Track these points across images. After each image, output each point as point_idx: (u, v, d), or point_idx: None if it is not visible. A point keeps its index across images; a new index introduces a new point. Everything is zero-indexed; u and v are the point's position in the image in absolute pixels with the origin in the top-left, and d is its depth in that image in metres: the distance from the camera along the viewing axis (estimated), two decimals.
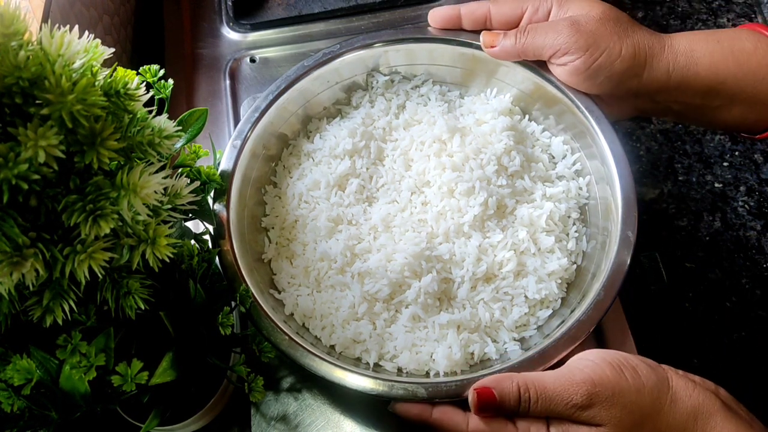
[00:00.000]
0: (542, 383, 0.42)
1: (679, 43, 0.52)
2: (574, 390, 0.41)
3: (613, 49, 0.50)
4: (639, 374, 0.43)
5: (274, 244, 0.56)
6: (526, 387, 0.42)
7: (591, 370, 0.42)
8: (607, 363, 0.43)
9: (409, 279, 0.51)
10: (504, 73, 0.59)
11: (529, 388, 0.42)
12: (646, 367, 0.43)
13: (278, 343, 0.46)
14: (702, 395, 0.42)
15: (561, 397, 0.42)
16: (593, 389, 0.41)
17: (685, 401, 0.42)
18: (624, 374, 0.42)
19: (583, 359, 0.44)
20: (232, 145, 0.54)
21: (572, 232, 0.55)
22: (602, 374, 0.42)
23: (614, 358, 0.43)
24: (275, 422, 0.54)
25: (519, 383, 0.42)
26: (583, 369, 0.43)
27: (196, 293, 0.44)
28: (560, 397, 0.42)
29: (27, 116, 0.31)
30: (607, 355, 0.44)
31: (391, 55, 0.60)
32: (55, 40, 0.32)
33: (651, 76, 0.51)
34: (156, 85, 0.47)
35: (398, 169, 0.57)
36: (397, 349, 0.50)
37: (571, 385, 0.42)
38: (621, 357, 0.44)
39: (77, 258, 0.33)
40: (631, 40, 0.51)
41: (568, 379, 0.42)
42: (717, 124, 0.55)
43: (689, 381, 0.43)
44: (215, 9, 0.77)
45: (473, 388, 0.43)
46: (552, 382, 0.42)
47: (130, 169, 0.35)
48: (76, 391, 0.38)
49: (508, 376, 0.43)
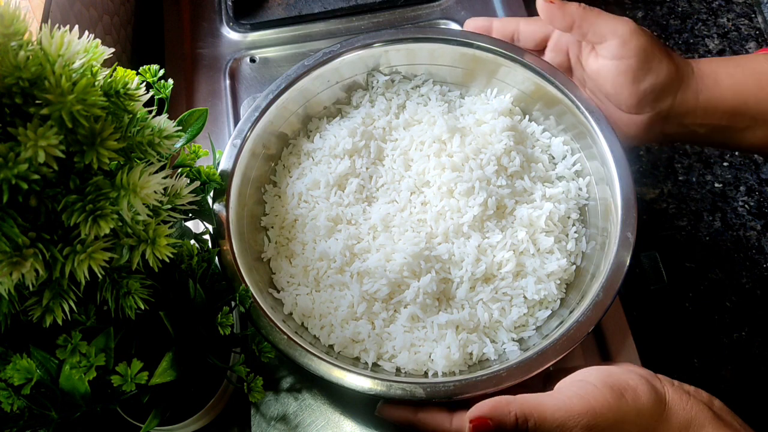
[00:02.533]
0: (541, 413, 0.41)
1: (704, 67, 0.53)
2: (574, 422, 0.40)
3: (663, 59, 0.51)
4: (640, 396, 0.42)
5: (274, 244, 0.56)
6: (524, 417, 0.41)
7: (593, 398, 0.41)
8: (608, 387, 0.42)
9: (408, 279, 0.51)
10: (504, 73, 0.59)
11: (528, 418, 0.41)
12: (645, 384, 0.42)
13: (277, 342, 0.46)
14: (695, 408, 0.42)
15: (561, 429, 0.40)
16: (593, 421, 0.40)
17: (679, 414, 0.41)
18: (625, 399, 0.41)
19: (584, 382, 0.43)
20: (232, 144, 0.54)
21: (572, 233, 0.55)
22: (604, 402, 0.41)
23: (615, 382, 0.42)
24: (275, 422, 0.54)
25: (517, 413, 0.41)
26: (584, 396, 0.41)
27: (196, 293, 0.44)
28: (560, 429, 0.40)
29: (27, 116, 0.31)
30: (609, 378, 0.42)
31: (391, 55, 0.60)
32: (55, 40, 0.32)
33: (683, 97, 0.52)
34: (156, 85, 0.47)
35: (398, 168, 0.57)
36: (395, 349, 0.50)
37: (571, 416, 0.40)
38: (623, 379, 0.43)
39: (77, 258, 0.33)
40: (675, 59, 0.52)
41: (569, 409, 0.41)
42: (744, 146, 0.55)
43: (684, 393, 0.43)
44: (215, 9, 0.77)
45: (468, 419, 0.42)
46: (552, 412, 0.41)
47: (130, 169, 0.35)
48: (76, 391, 0.38)
49: (504, 401, 0.42)
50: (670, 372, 0.46)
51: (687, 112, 0.53)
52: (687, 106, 0.52)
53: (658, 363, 0.50)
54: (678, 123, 0.54)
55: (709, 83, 0.52)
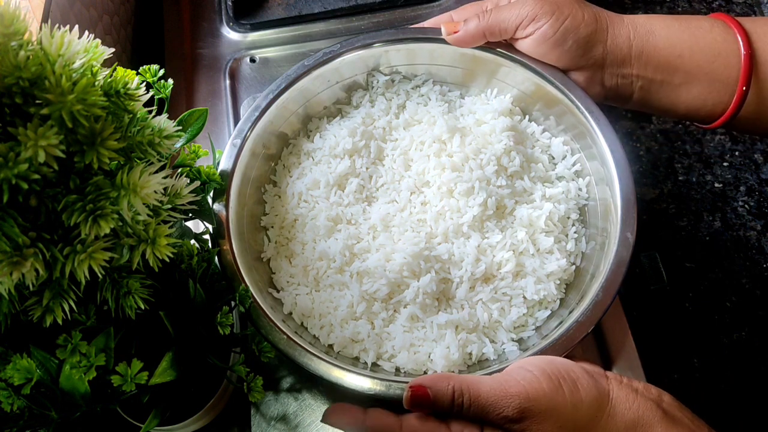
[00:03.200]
0: (477, 390, 0.41)
1: (637, 18, 0.54)
2: (506, 402, 0.41)
3: (577, 14, 0.52)
4: (578, 388, 0.42)
5: (274, 243, 0.56)
6: (461, 391, 0.41)
7: (527, 383, 0.41)
8: (546, 375, 0.42)
9: (407, 279, 0.51)
10: (505, 73, 0.59)
11: (464, 392, 0.41)
12: (587, 379, 0.42)
13: (276, 342, 0.46)
14: (643, 406, 0.41)
15: (493, 407, 0.41)
16: (526, 404, 0.40)
17: (625, 414, 0.41)
18: (562, 389, 0.41)
19: (524, 369, 0.43)
20: (232, 144, 0.54)
21: (571, 233, 0.55)
22: (538, 387, 0.41)
23: (554, 370, 0.42)
24: (275, 422, 0.54)
25: (455, 386, 0.42)
26: (520, 381, 0.42)
27: (196, 293, 0.44)
28: (492, 407, 0.41)
29: (27, 116, 0.31)
30: (547, 366, 0.43)
31: (391, 55, 0.60)
32: (55, 40, 0.33)
33: (614, 44, 0.53)
34: (156, 85, 0.47)
35: (398, 168, 0.57)
36: (395, 348, 0.50)
37: (504, 396, 0.41)
38: (562, 369, 0.43)
39: (77, 258, 0.33)
40: (591, 8, 0.53)
41: (503, 390, 0.41)
42: (679, 106, 0.55)
43: (631, 391, 0.42)
44: (215, 9, 0.77)
45: (409, 385, 0.43)
46: (486, 390, 0.41)
47: (130, 169, 0.35)
48: (76, 391, 0.38)
49: (446, 376, 0.42)
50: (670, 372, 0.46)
51: (622, 60, 0.53)
52: (621, 52, 0.53)
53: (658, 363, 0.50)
54: (614, 73, 0.54)
55: (643, 32, 0.53)
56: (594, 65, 0.54)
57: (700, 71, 0.52)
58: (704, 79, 0.52)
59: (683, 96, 0.54)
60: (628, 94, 0.56)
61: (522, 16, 0.53)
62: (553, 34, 0.52)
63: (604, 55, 0.53)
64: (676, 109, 0.55)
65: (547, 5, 0.52)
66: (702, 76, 0.52)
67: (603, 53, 0.53)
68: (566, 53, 0.54)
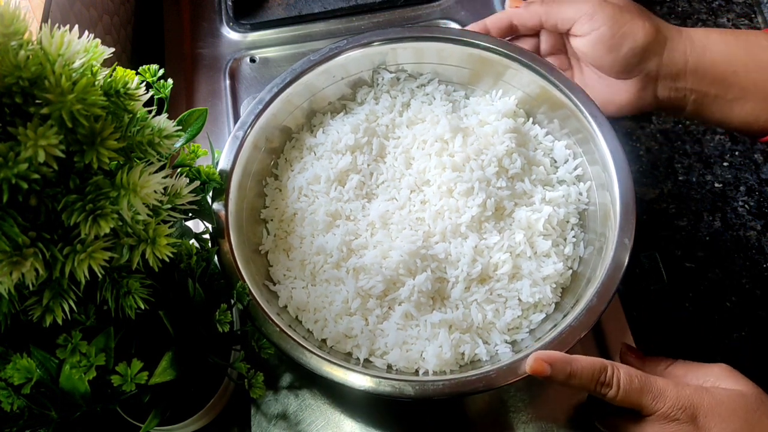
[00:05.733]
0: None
1: (695, 32, 0.54)
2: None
3: (637, 21, 0.52)
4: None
5: (272, 236, 0.56)
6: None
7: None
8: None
9: (403, 276, 0.51)
10: (511, 75, 0.58)
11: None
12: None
13: (269, 334, 0.46)
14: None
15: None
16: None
17: None
18: None
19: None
20: (235, 136, 0.54)
21: (570, 237, 0.55)
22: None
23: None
24: (275, 421, 0.54)
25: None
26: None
27: (195, 292, 0.44)
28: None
29: (27, 116, 0.31)
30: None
31: (398, 53, 0.60)
32: (55, 40, 0.32)
33: (670, 58, 0.52)
34: (156, 84, 0.47)
35: (399, 166, 0.57)
36: (387, 345, 0.50)
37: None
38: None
39: (77, 258, 0.33)
40: (654, 20, 0.53)
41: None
42: (732, 120, 0.55)
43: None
44: (215, 9, 0.77)
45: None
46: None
47: (130, 169, 0.35)
48: (76, 391, 0.38)
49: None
50: None
51: (677, 74, 0.53)
52: (676, 67, 0.53)
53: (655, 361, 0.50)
54: (668, 86, 0.54)
55: (699, 47, 0.53)
56: (647, 76, 0.54)
57: (755, 87, 0.52)
58: (759, 96, 0.52)
59: (737, 111, 0.54)
60: (681, 106, 0.56)
61: (582, 11, 0.53)
62: (611, 38, 0.52)
63: (658, 67, 0.53)
64: (729, 123, 0.55)
65: (609, 8, 0.52)
66: (757, 92, 0.52)
67: (658, 66, 0.53)
68: (621, 60, 0.53)
